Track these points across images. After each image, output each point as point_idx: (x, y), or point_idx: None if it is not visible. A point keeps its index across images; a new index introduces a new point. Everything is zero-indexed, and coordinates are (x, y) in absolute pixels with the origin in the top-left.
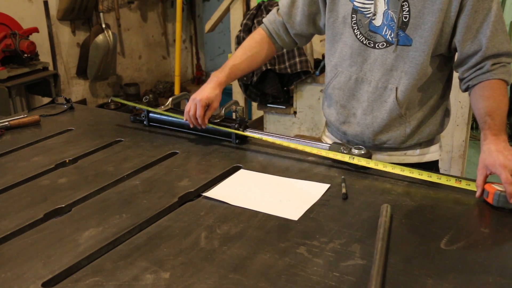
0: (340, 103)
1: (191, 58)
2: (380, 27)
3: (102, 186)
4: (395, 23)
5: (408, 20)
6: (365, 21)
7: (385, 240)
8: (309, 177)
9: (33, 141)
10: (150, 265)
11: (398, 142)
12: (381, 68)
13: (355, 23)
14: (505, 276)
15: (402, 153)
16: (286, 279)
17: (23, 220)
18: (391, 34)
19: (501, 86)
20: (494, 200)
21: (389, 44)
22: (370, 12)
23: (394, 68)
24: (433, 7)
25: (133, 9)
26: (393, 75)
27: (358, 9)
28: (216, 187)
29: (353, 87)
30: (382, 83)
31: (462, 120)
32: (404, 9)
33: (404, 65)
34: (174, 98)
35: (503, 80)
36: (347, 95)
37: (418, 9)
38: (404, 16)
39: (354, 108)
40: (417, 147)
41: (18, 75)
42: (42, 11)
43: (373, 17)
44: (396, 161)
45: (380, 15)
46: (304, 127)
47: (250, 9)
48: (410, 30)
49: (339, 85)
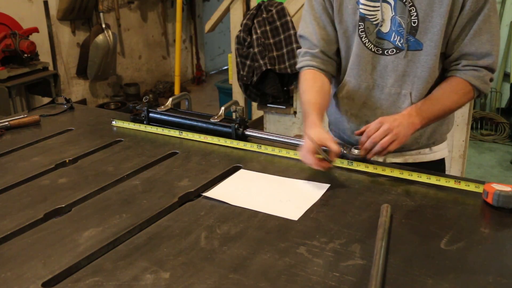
0: (351, 112)
1: (191, 58)
2: (388, 33)
3: (102, 186)
4: (403, 29)
5: (417, 25)
6: (373, 29)
7: (385, 240)
8: (309, 177)
9: (33, 141)
10: (150, 265)
11: (414, 144)
12: (393, 74)
13: (362, 31)
14: (505, 276)
15: (417, 152)
16: (286, 279)
17: (23, 220)
18: (401, 40)
19: (460, 84)
20: (494, 200)
21: (399, 50)
22: (378, 19)
23: (406, 73)
24: (441, 9)
25: (133, 9)
26: (406, 81)
27: (366, 16)
28: (216, 187)
29: (363, 96)
30: (395, 89)
31: (462, 120)
32: (412, 14)
33: (416, 70)
34: (174, 98)
35: (468, 82)
36: (358, 104)
37: (426, 13)
38: (412, 21)
39: (367, 116)
40: (431, 145)
41: (18, 75)
42: (42, 11)
43: (381, 24)
44: (411, 160)
45: (388, 22)
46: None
47: (250, 9)
48: (420, 35)
49: (348, 94)
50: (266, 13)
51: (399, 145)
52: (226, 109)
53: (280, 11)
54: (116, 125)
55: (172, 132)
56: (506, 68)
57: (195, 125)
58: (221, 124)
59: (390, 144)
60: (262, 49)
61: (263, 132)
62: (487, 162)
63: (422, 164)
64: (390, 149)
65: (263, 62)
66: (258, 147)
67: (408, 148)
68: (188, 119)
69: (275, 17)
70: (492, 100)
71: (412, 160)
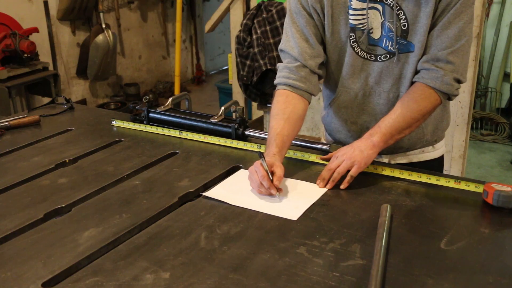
0: (350, 120)
1: (191, 58)
2: (379, 39)
3: (102, 186)
4: (393, 33)
5: (407, 28)
6: (364, 37)
7: (385, 240)
8: (309, 177)
9: (33, 141)
10: (150, 265)
11: (418, 143)
12: (390, 78)
13: (354, 41)
14: (505, 276)
15: (420, 150)
16: (286, 279)
17: (23, 220)
18: (392, 45)
19: (418, 90)
20: (494, 200)
21: (392, 55)
22: (367, 26)
23: (402, 76)
24: (426, 9)
25: (133, 9)
26: (402, 83)
27: (355, 26)
28: (216, 187)
29: (361, 103)
30: (394, 92)
31: (462, 120)
32: (400, 17)
33: (412, 72)
34: (174, 98)
35: (426, 85)
36: (356, 112)
37: (414, 14)
38: (402, 24)
39: (367, 122)
40: (434, 143)
41: (18, 75)
42: (42, 11)
43: (371, 31)
44: (415, 159)
45: (378, 28)
46: (304, 127)
47: (250, 9)
48: (411, 37)
49: (345, 103)
50: (266, 13)
51: (360, 169)
52: (226, 109)
53: (280, 11)
54: (116, 125)
55: (172, 132)
56: (506, 68)
57: (195, 125)
58: (221, 124)
59: (350, 170)
60: (262, 49)
61: (263, 132)
62: (487, 162)
63: (426, 163)
64: (351, 174)
65: (263, 62)
66: (258, 147)
67: (413, 147)
68: (188, 119)
69: (275, 17)
70: (492, 100)
71: (417, 160)
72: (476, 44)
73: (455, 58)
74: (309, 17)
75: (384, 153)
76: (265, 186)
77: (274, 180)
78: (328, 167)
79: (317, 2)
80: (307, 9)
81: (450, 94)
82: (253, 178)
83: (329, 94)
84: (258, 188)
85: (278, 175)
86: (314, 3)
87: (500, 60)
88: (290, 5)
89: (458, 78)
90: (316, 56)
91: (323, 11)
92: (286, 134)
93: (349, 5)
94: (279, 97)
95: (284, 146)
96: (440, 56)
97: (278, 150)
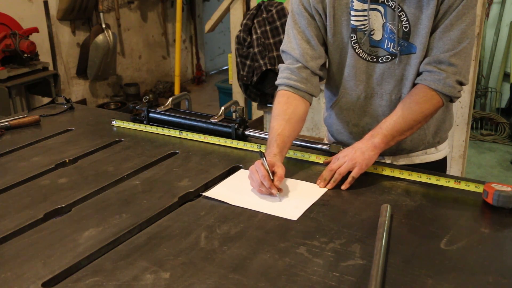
0: (352, 122)
1: (191, 58)
2: (381, 41)
3: (102, 186)
4: (395, 35)
5: (409, 29)
6: (365, 38)
7: (385, 240)
8: (309, 177)
9: (33, 141)
10: (150, 265)
11: (420, 145)
12: (391, 80)
13: (355, 42)
14: (505, 276)
15: (423, 152)
16: (286, 279)
17: (23, 220)
18: (394, 46)
19: (421, 92)
20: (494, 200)
21: (394, 56)
22: (368, 28)
23: (404, 77)
24: (428, 11)
25: (133, 9)
26: (404, 85)
27: (357, 27)
28: (216, 187)
29: (363, 105)
30: (396, 94)
31: (462, 120)
32: (402, 19)
33: (413, 74)
34: (174, 98)
35: (429, 87)
36: (358, 114)
37: (416, 16)
38: (404, 26)
39: (369, 124)
40: (437, 144)
41: (18, 75)
42: (42, 11)
43: (372, 33)
44: (418, 161)
45: (379, 29)
46: (304, 127)
47: (250, 9)
48: (413, 38)
49: (347, 105)
50: (266, 13)
51: (362, 170)
52: (226, 109)
53: (280, 11)
54: (116, 125)
55: (172, 132)
56: (506, 68)
57: (195, 125)
58: (221, 124)
59: (352, 171)
60: (262, 49)
61: (263, 132)
62: (487, 162)
63: (429, 164)
64: (353, 176)
65: (263, 62)
66: (258, 147)
67: (415, 149)
68: (188, 119)
69: (275, 17)
70: (492, 100)
71: (419, 161)
72: (476, 44)
73: (458, 60)
74: (311, 18)
75: (386, 154)
76: (266, 186)
77: (275, 180)
78: (330, 167)
79: (319, 2)
80: (309, 10)
81: (452, 96)
82: (254, 177)
83: (330, 96)
84: (259, 188)
85: (279, 175)
86: (316, 3)
87: (500, 60)
88: (292, 6)
89: (460, 80)
90: (317, 57)
91: (325, 12)
92: (287, 135)
93: (350, 6)
94: (280, 98)
95: (285, 146)
96: (442, 58)
97: (279, 150)
